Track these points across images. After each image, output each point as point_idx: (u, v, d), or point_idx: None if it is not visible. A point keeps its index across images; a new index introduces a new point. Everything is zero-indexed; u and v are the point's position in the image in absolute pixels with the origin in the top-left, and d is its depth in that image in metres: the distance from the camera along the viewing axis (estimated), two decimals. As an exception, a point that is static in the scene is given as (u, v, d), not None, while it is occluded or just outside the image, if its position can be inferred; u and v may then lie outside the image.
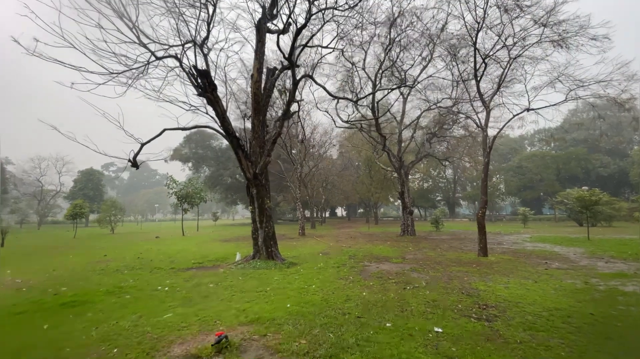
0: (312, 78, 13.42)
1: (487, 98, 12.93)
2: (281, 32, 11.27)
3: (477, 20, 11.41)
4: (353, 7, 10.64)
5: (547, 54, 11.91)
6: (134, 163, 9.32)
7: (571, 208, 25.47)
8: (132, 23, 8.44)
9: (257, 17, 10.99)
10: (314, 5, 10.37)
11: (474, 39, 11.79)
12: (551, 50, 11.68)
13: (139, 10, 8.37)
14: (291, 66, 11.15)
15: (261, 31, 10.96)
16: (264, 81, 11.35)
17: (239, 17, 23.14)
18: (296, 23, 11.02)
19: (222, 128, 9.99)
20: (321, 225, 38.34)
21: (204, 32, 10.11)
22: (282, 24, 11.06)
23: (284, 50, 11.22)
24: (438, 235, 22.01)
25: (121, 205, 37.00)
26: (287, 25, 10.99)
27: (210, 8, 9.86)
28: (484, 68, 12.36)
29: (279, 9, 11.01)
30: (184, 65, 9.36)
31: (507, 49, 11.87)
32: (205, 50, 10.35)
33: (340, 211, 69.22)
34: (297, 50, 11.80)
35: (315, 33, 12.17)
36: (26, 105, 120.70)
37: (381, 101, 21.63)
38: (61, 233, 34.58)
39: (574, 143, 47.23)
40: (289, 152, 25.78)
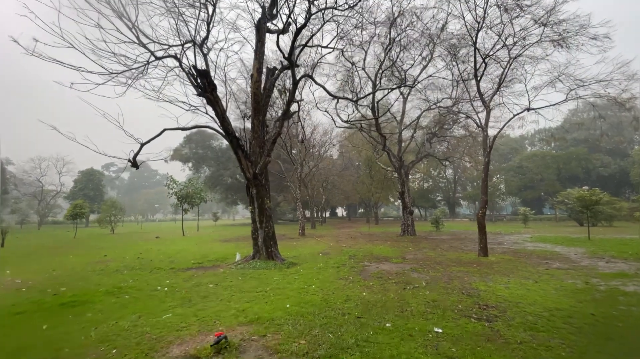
0: (312, 78, 13.42)
1: (487, 98, 12.91)
2: (281, 32, 11.26)
3: (477, 20, 11.40)
4: (353, 6, 10.63)
5: (547, 53, 11.90)
6: (134, 163, 9.31)
7: (572, 208, 25.44)
8: (132, 23, 8.44)
9: (257, 17, 11.00)
10: (314, 5, 10.36)
11: (474, 38, 11.78)
12: (551, 50, 11.68)
13: (139, 10, 8.37)
14: (291, 66, 11.14)
15: (261, 31, 10.95)
16: (263, 81, 11.35)
17: (238, 17, 23.19)
18: (296, 23, 11.01)
19: (222, 128, 9.99)
20: (321, 225, 38.33)
21: (204, 32, 10.12)
22: (282, 24, 11.05)
23: (283, 50, 11.21)
24: (438, 235, 21.98)
25: (121, 205, 37.03)
26: (287, 25, 10.98)
27: (210, 8, 9.85)
28: (484, 68, 12.35)
29: (278, 8, 11.00)
30: (183, 65, 9.36)
31: (507, 49, 11.86)
32: (205, 50, 10.34)
33: (340, 211, 69.23)
34: (297, 50, 11.78)
35: (315, 33, 12.17)
36: (27, 105, 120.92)
37: (381, 101, 21.62)
38: (61, 233, 34.59)
39: (574, 143, 47.18)
40: (289, 152, 25.76)
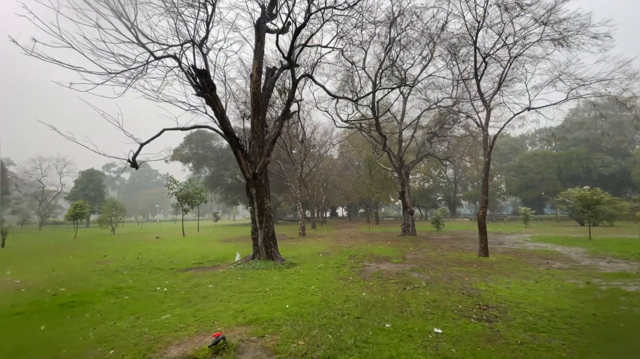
0: (311, 77, 13.40)
1: (487, 97, 12.88)
2: (280, 31, 11.24)
3: (478, 19, 11.37)
4: (352, 6, 10.60)
5: (547, 52, 11.85)
6: (134, 164, 9.30)
7: (572, 207, 25.35)
8: (131, 23, 8.42)
9: (257, 17, 10.98)
10: (313, 5, 10.34)
11: (474, 37, 11.75)
12: (552, 49, 11.63)
13: (137, 10, 8.35)
14: (290, 65, 11.12)
15: (260, 31, 10.94)
16: (263, 81, 11.33)
17: (238, 17, 23.15)
18: (295, 22, 10.97)
19: (221, 128, 9.97)
20: (322, 225, 38.30)
21: (203, 31, 10.10)
22: (282, 24, 11.04)
23: (283, 50, 11.19)
24: (439, 234, 21.94)
25: (122, 206, 37.03)
26: (287, 25, 10.95)
27: (209, 8, 9.83)
28: (484, 67, 12.31)
29: (278, 8, 10.98)
30: (182, 65, 9.34)
31: (507, 48, 11.83)
32: (204, 50, 10.32)
33: (341, 211, 69.21)
34: (297, 49, 11.76)
35: (315, 32, 12.14)
36: (26, 105, 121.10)
37: (381, 101, 21.57)
38: (62, 234, 34.62)
39: (575, 142, 47.08)
40: (289, 152, 25.74)
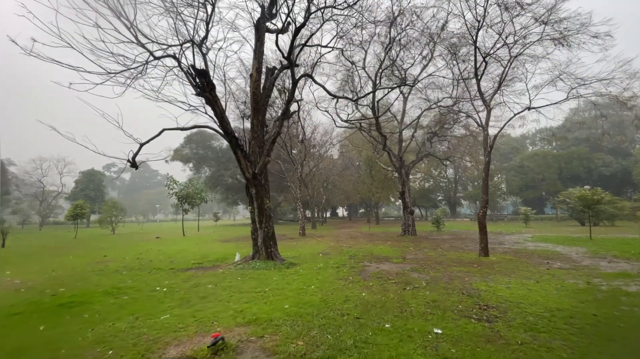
0: (311, 77, 13.39)
1: (487, 97, 12.85)
2: (280, 31, 11.22)
3: (478, 19, 11.33)
4: (352, 5, 10.57)
5: (548, 52, 11.81)
6: (133, 164, 9.28)
7: (573, 207, 25.31)
8: (130, 22, 8.40)
9: (256, 17, 10.96)
10: (313, 4, 10.32)
11: (474, 37, 11.72)
12: (552, 49, 11.59)
13: (137, 10, 8.33)
14: (290, 65, 11.10)
15: (260, 30, 10.92)
16: (263, 81, 11.32)
17: (237, 17, 23.12)
18: (295, 22, 10.96)
19: (221, 128, 9.95)
20: (322, 225, 38.28)
21: (203, 31, 10.07)
22: (281, 23, 11.01)
23: (283, 50, 11.17)
24: (439, 234, 21.91)
25: (122, 206, 37.04)
26: (286, 25, 10.93)
27: (209, 7, 9.81)
28: (484, 67, 12.28)
29: (277, 8, 10.96)
30: (182, 65, 9.32)
31: (507, 48, 11.80)
32: (204, 50, 10.30)
33: (341, 211, 69.18)
34: (297, 49, 11.74)
35: (315, 32, 12.11)
36: (26, 105, 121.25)
37: (381, 100, 21.55)
38: (62, 234, 34.64)
39: (575, 142, 47.01)
40: (289, 152, 25.71)
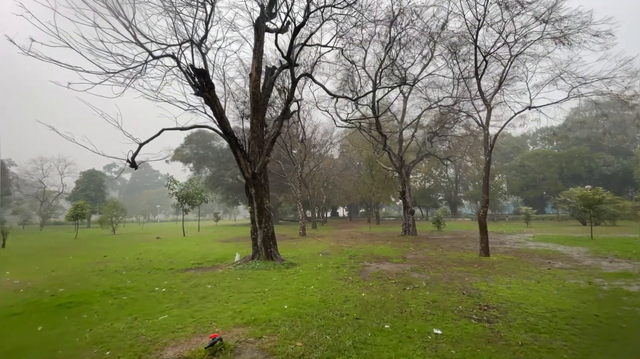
0: (311, 77, 13.36)
1: (488, 96, 12.81)
2: (280, 31, 11.19)
3: (478, 18, 11.29)
4: (351, 4, 10.54)
5: (548, 50, 11.77)
6: (133, 164, 9.26)
7: (574, 207, 25.25)
8: (129, 22, 8.38)
9: (256, 16, 10.93)
10: (312, 3, 10.29)
11: (474, 36, 11.67)
12: (553, 47, 11.54)
13: (135, 9, 8.30)
14: (290, 65, 11.07)
15: (259, 30, 10.89)
16: (262, 80, 11.29)
17: (237, 16, 23.13)
18: (294, 21, 10.93)
19: (220, 127, 9.93)
20: (322, 225, 38.24)
21: (202, 31, 10.06)
22: (281, 23, 10.98)
23: (282, 49, 11.15)
24: (440, 234, 21.86)
25: (123, 206, 37.05)
26: (286, 24, 10.90)
27: (208, 7, 9.79)
28: (484, 66, 12.24)
29: (277, 7, 10.94)
30: (181, 65, 9.30)
31: (508, 47, 11.75)
32: (203, 50, 10.28)
33: (341, 211, 69.13)
34: (296, 49, 11.71)
35: (314, 31, 12.07)
36: (26, 105, 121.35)
37: (381, 100, 21.51)
38: (63, 234, 34.67)
39: (576, 141, 46.88)
40: (290, 152, 25.68)
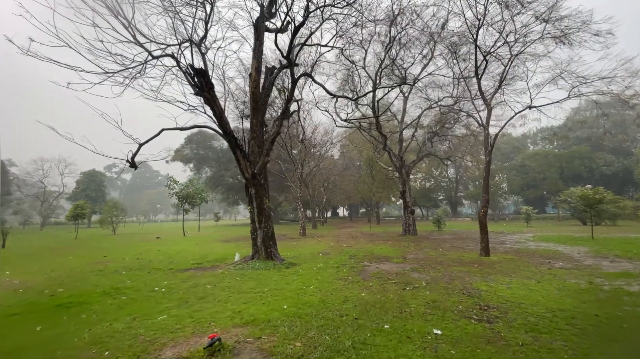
0: (311, 76, 13.34)
1: (488, 96, 12.78)
2: (279, 30, 11.18)
3: (478, 17, 11.27)
4: (351, 4, 10.53)
5: (549, 50, 11.74)
6: (132, 164, 9.25)
7: (575, 207, 25.22)
8: (128, 22, 8.37)
9: (255, 16, 10.91)
10: (312, 3, 10.28)
11: (474, 36, 11.65)
12: (553, 47, 11.52)
13: (135, 9, 8.29)
14: (290, 65, 11.06)
15: (259, 30, 10.87)
16: (262, 80, 11.27)
17: (236, 16, 23.11)
18: (294, 21, 10.92)
19: (220, 127, 9.91)
20: (322, 225, 38.22)
21: (202, 30, 10.05)
22: (281, 23, 10.97)
23: (282, 49, 11.13)
24: (440, 234, 21.84)
25: (123, 206, 37.06)
26: (286, 24, 10.89)
27: (208, 7, 9.77)
28: (485, 65, 12.21)
29: (277, 7, 10.92)
30: (181, 65, 9.29)
31: (508, 46, 11.73)
32: (203, 49, 10.27)
33: (342, 211, 69.09)
34: (296, 48, 11.69)
35: (314, 31, 12.06)
36: (26, 105, 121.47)
37: (382, 100, 21.48)
38: (63, 234, 34.67)
39: (577, 141, 46.80)
40: (290, 152, 25.66)
